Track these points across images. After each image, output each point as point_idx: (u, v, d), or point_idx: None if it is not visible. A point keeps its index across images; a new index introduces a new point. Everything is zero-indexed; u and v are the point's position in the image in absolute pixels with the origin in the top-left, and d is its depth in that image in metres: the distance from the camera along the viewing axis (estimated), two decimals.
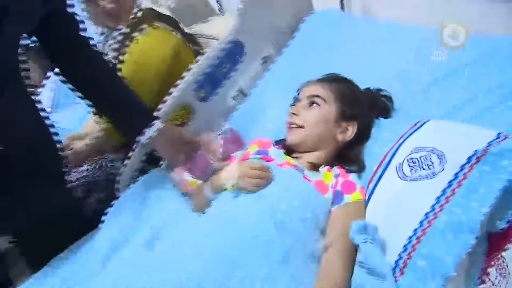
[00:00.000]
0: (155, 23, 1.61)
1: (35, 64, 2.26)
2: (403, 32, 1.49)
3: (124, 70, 1.56)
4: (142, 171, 1.44)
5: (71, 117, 2.08)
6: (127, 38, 1.61)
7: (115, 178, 1.59)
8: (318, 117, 1.17)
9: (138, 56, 1.58)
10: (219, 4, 2.36)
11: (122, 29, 1.66)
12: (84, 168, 1.69)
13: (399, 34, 1.49)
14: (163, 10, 1.72)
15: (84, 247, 1.23)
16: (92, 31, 1.74)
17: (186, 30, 1.75)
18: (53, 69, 1.28)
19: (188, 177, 1.29)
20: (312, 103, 1.19)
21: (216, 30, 1.99)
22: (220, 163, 1.30)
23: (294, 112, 1.19)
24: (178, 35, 1.66)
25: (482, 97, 1.19)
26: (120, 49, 1.63)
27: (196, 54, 1.70)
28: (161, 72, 1.59)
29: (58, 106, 2.19)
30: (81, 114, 2.02)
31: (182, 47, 1.66)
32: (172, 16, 1.72)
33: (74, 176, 1.68)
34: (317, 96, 1.19)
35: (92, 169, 1.69)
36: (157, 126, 1.24)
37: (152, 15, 1.64)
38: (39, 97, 2.16)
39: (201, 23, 2.13)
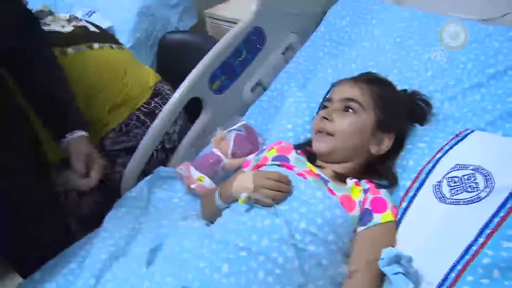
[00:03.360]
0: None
1: None
2: (431, 22, 1.36)
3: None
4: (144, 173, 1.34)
5: None
6: None
7: (112, 179, 1.49)
8: (354, 126, 1.02)
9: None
10: None
11: None
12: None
13: (435, 27, 1.35)
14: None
15: (80, 253, 1.13)
16: None
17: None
18: None
19: (195, 172, 1.18)
20: (347, 108, 1.04)
21: (237, 13, 1.86)
22: (231, 161, 1.21)
23: (325, 116, 1.04)
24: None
25: None
26: None
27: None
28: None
29: None
30: None
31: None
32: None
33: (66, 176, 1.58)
34: (354, 100, 1.03)
35: None
36: (79, 134, 1.13)
37: None
38: None
39: (221, 4, 1.99)
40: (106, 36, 1.50)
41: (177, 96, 1.29)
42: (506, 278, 0.75)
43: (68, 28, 1.39)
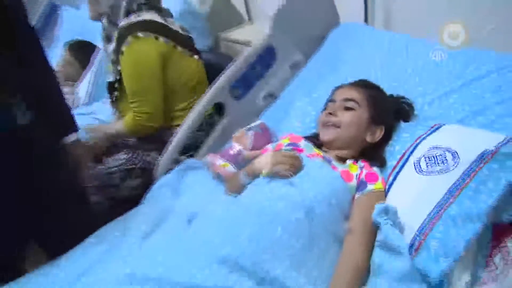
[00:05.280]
0: (137, 33, 1.68)
1: (75, 59, 2.43)
2: (421, 47, 1.60)
3: (125, 82, 1.72)
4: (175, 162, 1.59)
5: (105, 110, 2.23)
6: (118, 52, 1.72)
7: (149, 166, 1.75)
8: (353, 120, 1.30)
9: (128, 67, 1.70)
10: (248, 13, 2.51)
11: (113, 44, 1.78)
12: (122, 156, 1.84)
13: (417, 48, 1.60)
14: (150, 16, 1.76)
15: (120, 226, 1.36)
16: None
17: (178, 33, 1.82)
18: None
19: (219, 161, 1.43)
20: (347, 106, 1.31)
21: (248, 36, 2.15)
22: (250, 152, 1.44)
23: (331, 112, 1.32)
24: (163, 39, 1.72)
25: (496, 107, 1.31)
26: (117, 62, 1.75)
27: (194, 53, 1.87)
28: (155, 76, 1.71)
29: (93, 99, 2.33)
30: None
31: (170, 50, 1.75)
32: (161, 22, 1.77)
33: (112, 162, 1.84)
34: (353, 100, 1.31)
35: (129, 157, 1.84)
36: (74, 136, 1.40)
37: (135, 26, 1.71)
38: (77, 90, 2.34)
39: (233, 29, 2.28)
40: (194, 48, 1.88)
41: (205, 99, 1.56)
42: (465, 224, 1.00)
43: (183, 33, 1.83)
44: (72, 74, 2.46)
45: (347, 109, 1.31)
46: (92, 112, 2.23)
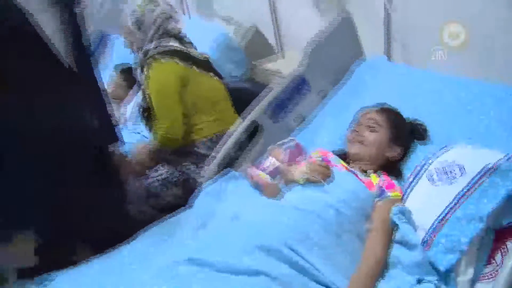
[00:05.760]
0: (159, 58, 2.02)
1: (124, 82, 2.72)
2: (441, 83, 1.77)
3: (152, 102, 2.02)
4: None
5: None
6: (145, 76, 2.05)
7: (186, 177, 2.00)
8: (375, 139, 1.52)
9: (152, 88, 2.02)
10: (280, 46, 2.78)
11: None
12: (163, 169, 2.10)
13: (437, 84, 1.77)
14: (173, 42, 2.10)
15: (169, 225, 1.59)
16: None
17: (196, 57, 2.15)
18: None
19: (257, 172, 1.65)
20: (371, 126, 1.54)
21: (279, 66, 2.42)
22: (284, 166, 1.65)
23: (357, 130, 1.55)
24: (182, 63, 2.05)
25: (501, 132, 1.51)
26: (146, 87, 2.07)
27: (214, 74, 2.20)
28: (175, 96, 2.01)
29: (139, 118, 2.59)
30: None
31: (189, 72, 2.07)
32: (183, 49, 2.11)
33: (153, 175, 2.10)
34: (376, 122, 1.54)
35: (170, 170, 2.10)
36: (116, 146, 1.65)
37: (159, 53, 2.04)
38: (124, 108, 2.61)
39: (267, 59, 2.55)
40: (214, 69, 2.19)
41: (246, 120, 1.81)
42: (469, 224, 1.21)
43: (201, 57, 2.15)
44: (120, 94, 2.75)
45: (371, 129, 1.53)
46: (137, 130, 2.49)
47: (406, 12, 1.97)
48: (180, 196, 2.05)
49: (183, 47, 2.11)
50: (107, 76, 2.83)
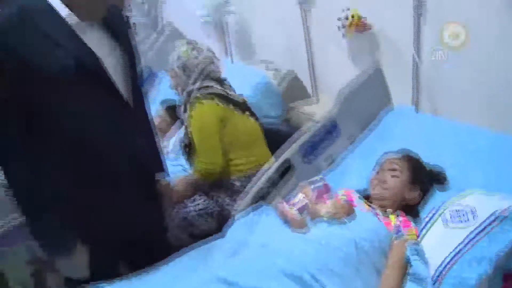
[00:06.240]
0: (201, 99, 2.23)
1: (168, 117, 2.97)
2: (463, 132, 1.90)
3: (194, 139, 2.23)
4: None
5: None
6: (187, 116, 2.28)
7: (223, 209, 2.17)
8: (396, 183, 1.68)
9: (194, 126, 2.23)
10: (315, 91, 2.97)
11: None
12: (200, 200, 2.29)
13: (464, 136, 1.89)
14: (213, 85, 2.31)
15: (205, 248, 1.74)
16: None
17: (234, 99, 2.35)
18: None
19: (287, 207, 1.79)
20: (393, 170, 1.70)
21: (313, 109, 2.60)
22: (312, 203, 1.79)
23: (380, 173, 1.71)
24: (221, 104, 2.25)
25: None
26: (188, 125, 2.30)
27: (250, 115, 2.39)
28: (215, 135, 2.20)
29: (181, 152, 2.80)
30: None
31: (227, 112, 2.25)
32: (222, 92, 2.31)
33: (190, 205, 2.29)
34: (397, 166, 1.70)
35: (207, 201, 2.29)
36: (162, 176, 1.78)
37: (201, 94, 2.26)
38: (167, 141, 2.82)
39: (302, 102, 2.75)
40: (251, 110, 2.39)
41: (280, 160, 1.97)
42: (478, 265, 1.32)
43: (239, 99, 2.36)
44: (164, 128, 2.97)
45: (392, 173, 1.68)
46: (178, 162, 2.68)
47: (434, 64, 2.13)
48: (214, 226, 2.22)
49: (222, 90, 2.33)
50: (153, 110, 3.07)
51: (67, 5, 1.32)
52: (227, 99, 2.30)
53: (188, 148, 2.35)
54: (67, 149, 1.42)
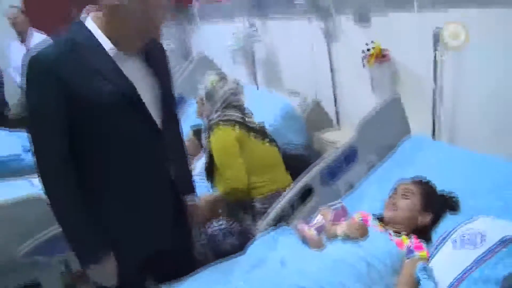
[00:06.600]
0: (220, 125, 2.39)
1: (197, 140, 3.12)
2: (481, 163, 1.97)
3: (216, 161, 2.40)
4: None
5: None
6: (208, 141, 2.45)
7: (245, 229, 2.29)
8: (408, 206, 1.77)
9: (214, 148, 2.39)
10: (337, 119, 3.09)
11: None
12: (223, 220, 2.42)
13: (478, 164, 1.97)
14: (233, 112, 2.47)
15: (228, 264, 1.85)
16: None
17: (253, 126, 2.51)
18: None
19: (307, 227, 1.89)
20: (405, 195, 1.79)
21: (335, 137, 2.72)
22: (329, 224, 1.90)
23: (393, 197, 1.81)
24: (238, 129, 2.40)
25: None
26: (208, 148, 2.46)
27: (268, 140, 2.54)
28: (235, 152, 2.36)
29: None
30: None
31: (244, 137, 2.41)
32: (241, 119, 2.46)
33: (215, 225, 2.42)
34: (410, 191, 1.80)
35: (230, 222, 2.41)
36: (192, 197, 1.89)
37: (220, 120, 2.42)
38: (195, 164, 2.97)
39: (325, 130, 2.87)
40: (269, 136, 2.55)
41: (301, 183, 2.09)
42: (485, 285, 1.39)
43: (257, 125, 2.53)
44: (192, 151, 3.12)
45: (404, 197, 1.77)
46: (205, 184, 2.82)
47: (451, 95, 2.23)
48: (236, 244, 2.34)
49: (242, 117, 2.49)
50: (184, 134, 3.24)
51: (109, 38, 1.48)
52: (244, 125, 2.46)
53: (209, 171, 2.51)
54: (105, 169, 1.58)
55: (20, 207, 2.36)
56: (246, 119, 2.50)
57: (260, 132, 2.53)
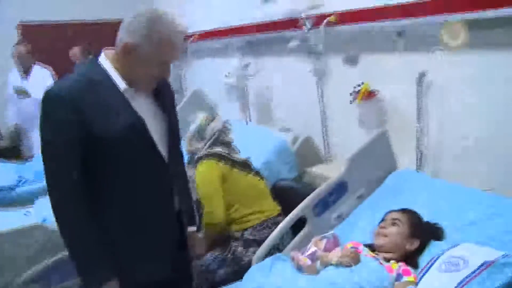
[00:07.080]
0: (204, 159, 2.55)
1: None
2: (464, 196, 2.09)
3: (199, 193, 2.53)
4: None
5: None
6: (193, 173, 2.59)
7: (238, 258, 2.38)
8: (397, 233, 1.89)
9: (198, 181, 2.53)
10: (328, 154, 3.23)
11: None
12: (217, 250, 2.52)
13: (461, 197, 2.09)
14: (219, 148, 2.63)
15: None
16: None
17: (237, 160, 2.66)
18: None
19: (301, 256, 1.99)
20: (394, 223, 1.91)
21: (326, 171, 2.84)
22: (322, 253, 1.99)
23: (383, 226, 1.93)
24: (222, 164, 2.55)
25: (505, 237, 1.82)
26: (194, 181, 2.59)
27: (253, 174, 2.69)
28: (217, 188, 2.50)
29: None
30: None
31: (228, 171, 2.56)
32: (225, 153, 2.62)
33: (210, 254, 2.51)
34: (398, 219, 1.92)
35: (223, 252, 2.51)
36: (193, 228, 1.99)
37: (205, 155, 2.59)
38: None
39: (315, 165, 3.00)
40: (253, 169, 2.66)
41: (294, 213, 2.19)
42: None
43: (242, 159, 2.67)
44: None
45: (393, 224, 1.88)
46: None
47: (434, 131, 2.38)
48: (230, 273, 2.43)
49: (227, 152, 2.65)
50: None
51: (122, 76, 1.59)
52: (229, 160, 2.62)
53: (196, 204, 2.60)
54: (114, 198, 1.67)
55: (22, 235, 2.42)
56: (232, 154, 2.66)
57: (244, 165, 2.69)
